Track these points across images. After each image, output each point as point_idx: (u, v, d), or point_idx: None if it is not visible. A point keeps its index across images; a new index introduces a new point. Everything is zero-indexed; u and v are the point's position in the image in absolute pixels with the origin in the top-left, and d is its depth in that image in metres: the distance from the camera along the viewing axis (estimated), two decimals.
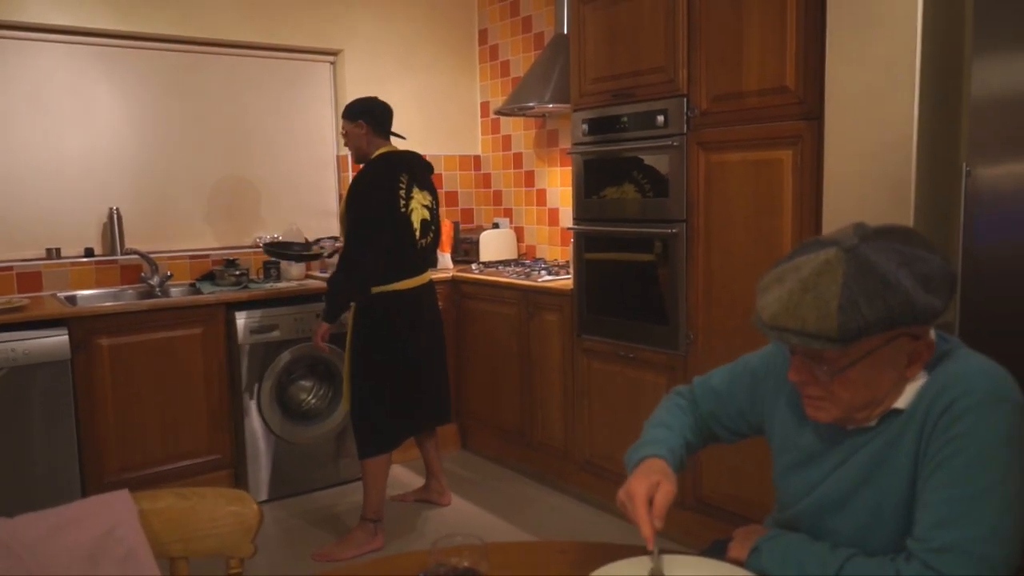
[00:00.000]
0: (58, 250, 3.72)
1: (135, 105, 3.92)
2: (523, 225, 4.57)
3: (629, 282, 3.18)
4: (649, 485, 1.22)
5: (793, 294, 1.12)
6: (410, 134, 4.51)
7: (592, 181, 3.32)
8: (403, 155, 3.16)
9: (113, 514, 1.40)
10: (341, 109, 4.33)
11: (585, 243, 3.36)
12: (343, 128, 3.18)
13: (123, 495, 1.44)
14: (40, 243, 3.70)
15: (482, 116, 4.86)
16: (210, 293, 3.60)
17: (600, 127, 3.25)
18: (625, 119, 3.13)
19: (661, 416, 1.45)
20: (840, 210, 2.36)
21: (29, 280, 3.62)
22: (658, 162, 3.01)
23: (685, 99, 2.90)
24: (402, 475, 3.88)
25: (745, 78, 2.70)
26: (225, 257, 4.03)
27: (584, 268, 3.37)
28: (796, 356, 1.20)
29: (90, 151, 3.81)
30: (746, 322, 2.77)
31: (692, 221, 2.91)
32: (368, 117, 3.13)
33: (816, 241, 1.18)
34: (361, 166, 3.13)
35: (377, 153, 3.12)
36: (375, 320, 3.08)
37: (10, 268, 3.58)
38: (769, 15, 2.60)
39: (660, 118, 2.97)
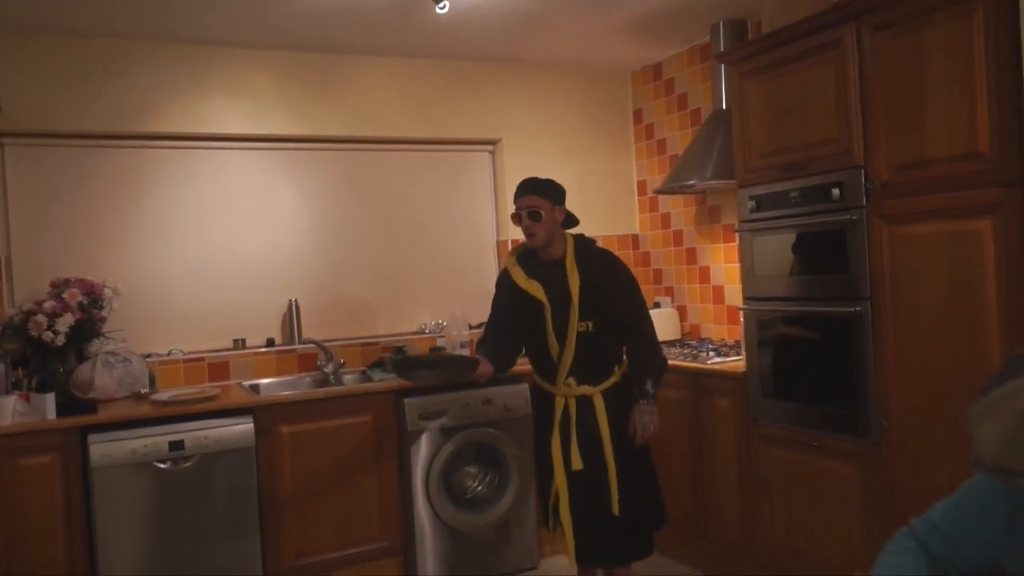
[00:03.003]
0: (243, 340, 4.01)
1: (311, 202, 4.22)
2: (686, 304, 4.51)
3: (809, 364, 3.05)
4: None
5: (1016, 430, 1.01)
6: None
7: (763, 258, 3.24)
8: None
9: None
10: (502, 195, 4.56)
11: (758, 323, 3.26)
12: (539, 207, 2.83)
13: None
14: (228, 334, 4.01)
15: (639, 195, 4.88)
16: (380, 380, 3.74)
17: (769, 203, 3.18)
18: (796, 194, 3.05)
19: (892, 564, 1.31)
20: None
21: (218, 369, 3.91)
22: (835, 237, 2.90)
23: (863, 170, 2.79)
24: None
25: (930, 145, 2.57)
26: (393, 344, 4.20)
27: (758, 349, 3.26)
28: None
29: (272, 246, 4.13)
30: (946, 409, 2.56)
31: (877, 298, 2.77)
32: (564, 199, 2.94)
33: None
34: (557, 248, 2.91)
35: (571, 238, 2.96)
36: (630, 401, 2.93)
37: (202, 359, 3.90)
38: (955, 80, 2.48)
39: (835, 191, 2.87)
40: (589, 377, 2.88)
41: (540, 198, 2.85)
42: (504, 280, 3.01)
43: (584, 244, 2.97)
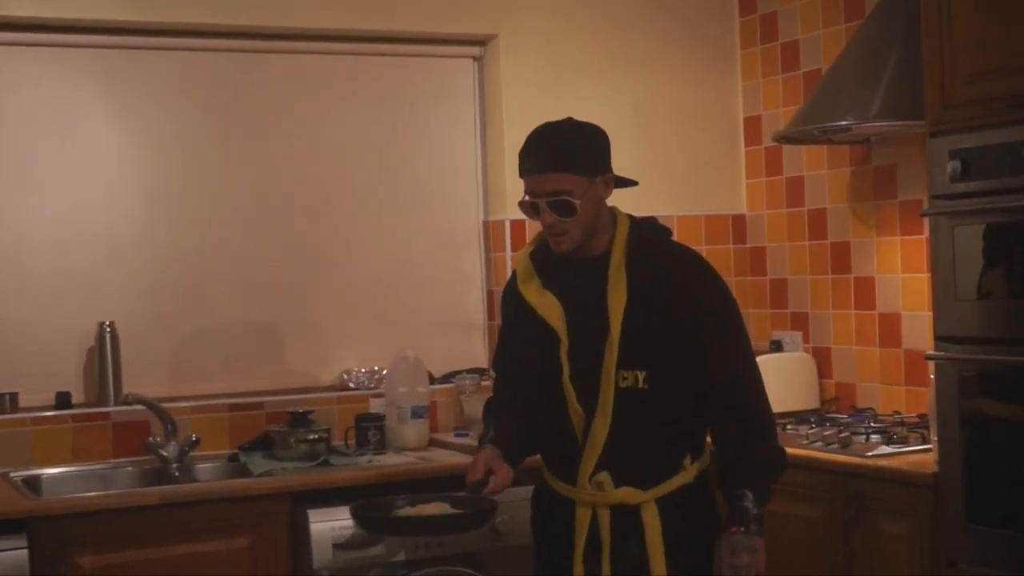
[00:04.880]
0: (12, 396, 3.98)
1: (145, 145, 4.22)
2: (830, 345, 4.50)
3: None
4: None
5: None
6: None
7: (976, 264, 3.23)
8: None
9: None
10: (494, 134, 4.56)
11: (962, 384, 3.25)
12: (569, 193, 2.86)
13: None
14: None
15: (748, 143, 4.90)
16: (264, 474, 3.71)
17: (986, 164, 3.17)
18: None
19: None
20: None
21: None
22: None
23: None
24: None
25: None
26: (290, 408, 4.13)
27: (964, 432, 3.25)
28: None
29: (69, 225, 4.11)
30: None
31: None
32: (610, 157, 3.00)
33: None
34: (603, 246, 2.99)
35: (627, 221, 3.04)
36: (710, 520, 3.02)
37: None
38: None
39: None
40: (635, 473, 2.93)
41: (571, 174, 2.87)
42: (510, 295, 3.13)
43: (647, 233, 3.01)
